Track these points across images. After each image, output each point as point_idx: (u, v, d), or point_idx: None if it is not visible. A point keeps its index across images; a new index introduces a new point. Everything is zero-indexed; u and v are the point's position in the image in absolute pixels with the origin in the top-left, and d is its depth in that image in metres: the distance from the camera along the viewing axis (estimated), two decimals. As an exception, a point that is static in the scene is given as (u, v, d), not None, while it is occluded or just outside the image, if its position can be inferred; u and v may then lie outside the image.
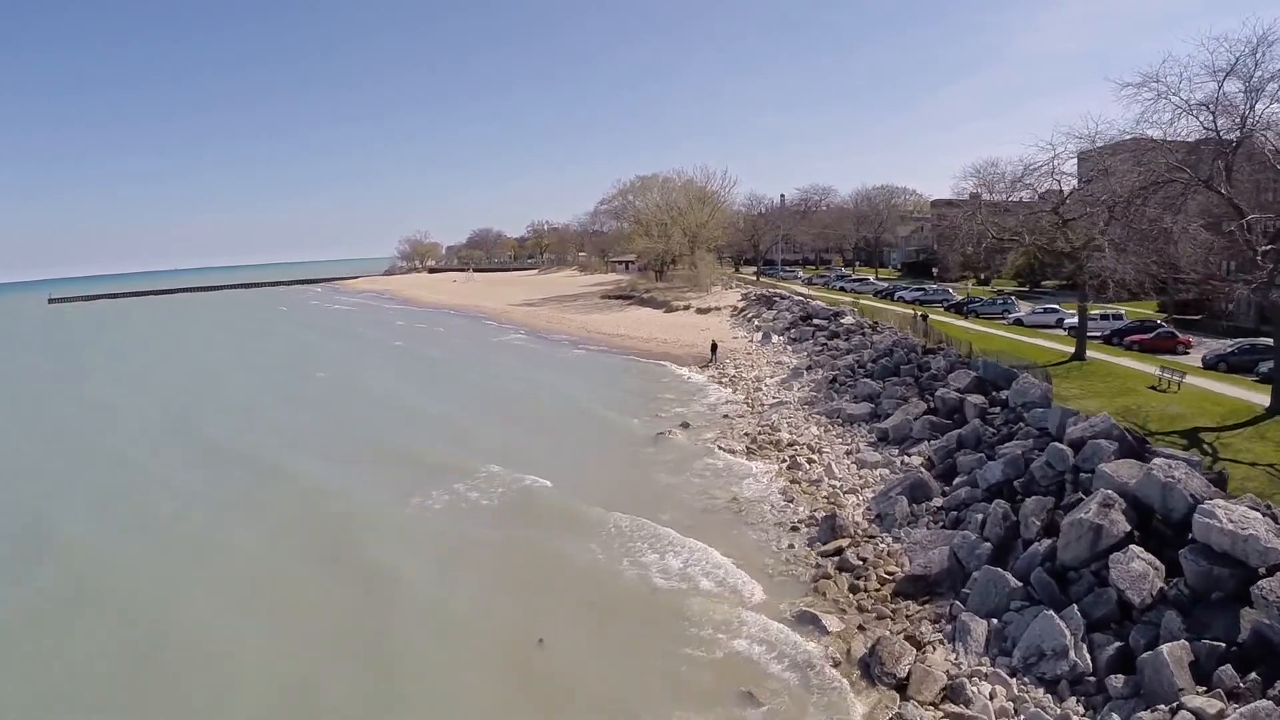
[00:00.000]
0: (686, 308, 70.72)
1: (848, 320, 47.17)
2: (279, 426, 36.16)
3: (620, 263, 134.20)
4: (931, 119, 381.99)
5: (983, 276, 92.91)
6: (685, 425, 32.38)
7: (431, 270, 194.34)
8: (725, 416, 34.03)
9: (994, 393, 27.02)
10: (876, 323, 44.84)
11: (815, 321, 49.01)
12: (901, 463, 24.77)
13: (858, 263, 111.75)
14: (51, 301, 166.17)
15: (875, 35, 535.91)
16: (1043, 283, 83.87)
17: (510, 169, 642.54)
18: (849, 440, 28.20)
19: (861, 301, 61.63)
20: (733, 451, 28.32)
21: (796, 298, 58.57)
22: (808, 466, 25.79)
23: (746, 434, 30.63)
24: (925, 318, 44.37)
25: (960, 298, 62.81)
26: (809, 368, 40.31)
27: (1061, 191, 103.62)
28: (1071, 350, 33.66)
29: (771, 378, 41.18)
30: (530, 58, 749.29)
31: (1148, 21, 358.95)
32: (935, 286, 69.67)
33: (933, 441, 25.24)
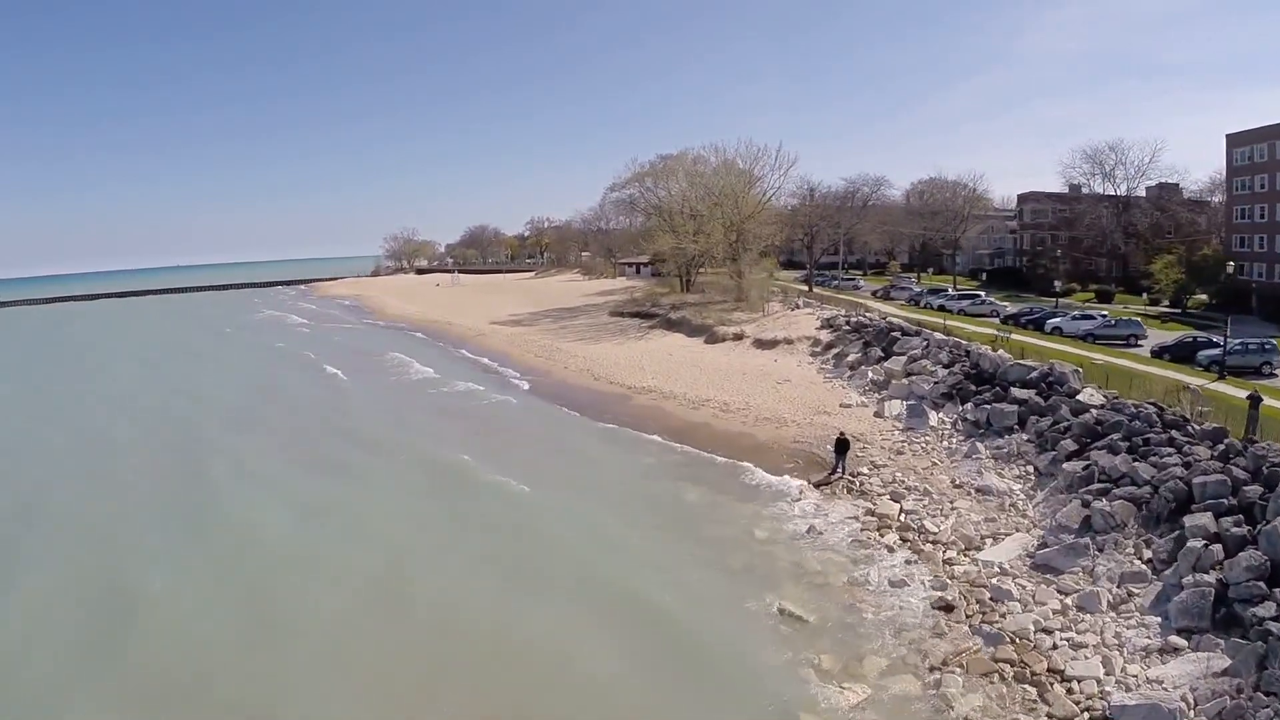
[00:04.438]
0: (739, 337, 48.68)
1: (1091, 398, 25.07)
2: None
3: (630, 264, 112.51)
4: (930, 121, 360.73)
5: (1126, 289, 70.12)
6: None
7: (420, 271, 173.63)
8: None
9: None
10: (1173, 410, 22.77)
11: (1015, 394, 26.81)
12: None
13: (931, 269, 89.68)
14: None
15: (873, 37, 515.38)
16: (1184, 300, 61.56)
17: (510, 169, 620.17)
18: None
19: (1014, 337, 39.65)
20: None
21: (936, 336, 36.35)
22: None
23: None
24: (1258, 402, 22.35)
25: (1176, 335, 40.57)
26: (1096, 534, 18.32)
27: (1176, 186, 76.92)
28: None
29: (992, 541, 19.28)
30: (530, 58, 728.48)
31: (1147, 22, 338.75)
32: (1104, 314, 47.10)
33: None
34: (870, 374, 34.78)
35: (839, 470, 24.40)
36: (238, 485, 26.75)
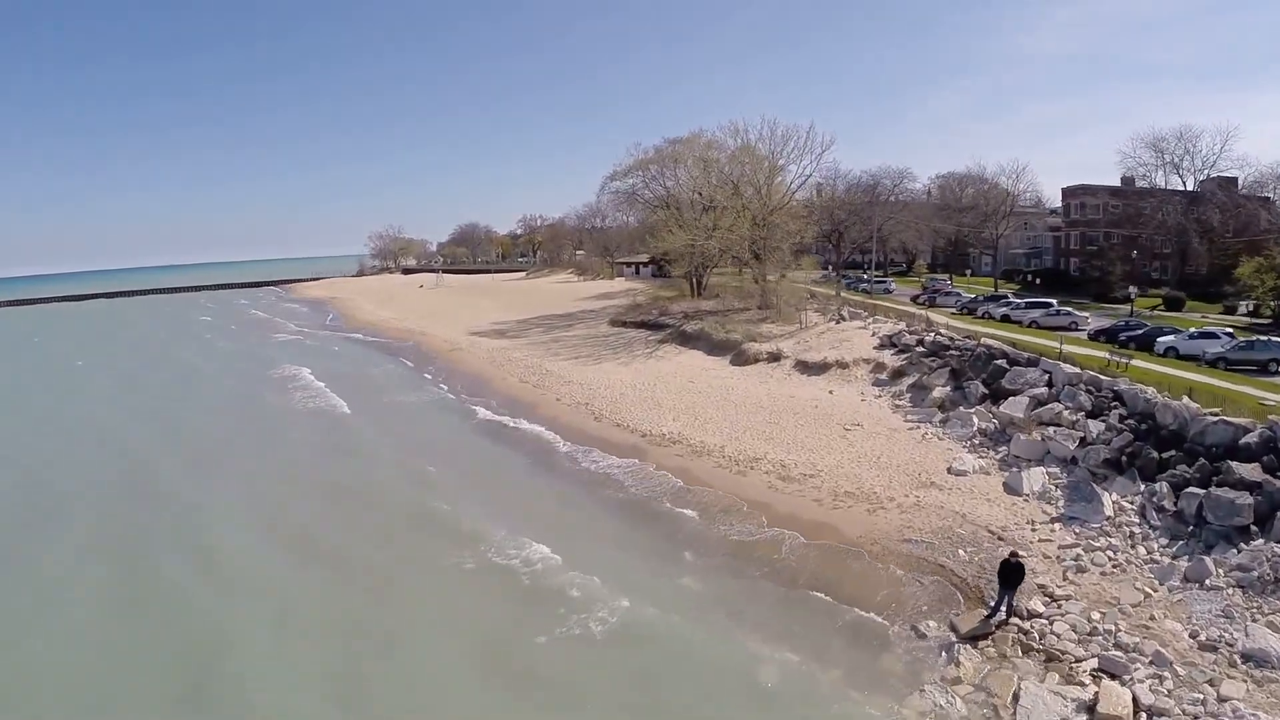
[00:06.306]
0: (775, 357, 39.39)
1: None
2: None
3: (628, 264, 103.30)
4: (926, 122, 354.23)
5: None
6: None
7: (406, 271, 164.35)
8: None
9: None
10: None
11: (1240, 472, 17.57)
12: None
13: (969, 271, 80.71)
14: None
15: (868, 40, 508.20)
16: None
17: (503, 169, 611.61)
18: None
19: (1135, 362, 30.36)
20: None
21: (1065, 368, 26.95)
22: None
23: None
24: None
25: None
26: None
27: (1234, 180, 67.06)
28: None
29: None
30: (535, 65, 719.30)
31: (1134, 24, 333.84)
32: (1228, 332, 37.40)
33: None
34: (976, 420, 25.52)
35: (1001, 610, 15.15)
36: (206, 599, 17.68)
